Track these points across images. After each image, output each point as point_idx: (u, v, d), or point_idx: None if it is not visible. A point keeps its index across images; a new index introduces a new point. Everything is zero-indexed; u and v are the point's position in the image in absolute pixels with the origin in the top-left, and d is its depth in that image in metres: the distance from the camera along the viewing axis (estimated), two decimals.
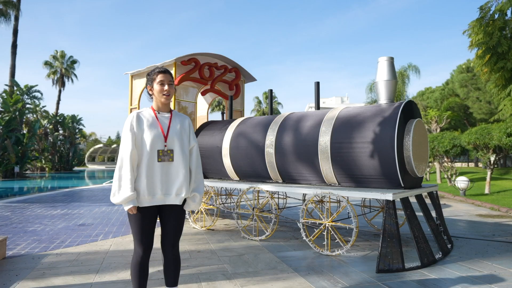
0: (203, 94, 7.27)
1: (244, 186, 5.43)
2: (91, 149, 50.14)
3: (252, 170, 5.70)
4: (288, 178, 5.33)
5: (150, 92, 2.54)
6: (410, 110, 4.57)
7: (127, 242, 4.97)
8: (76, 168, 39.68)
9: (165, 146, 2.43)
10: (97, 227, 6.00)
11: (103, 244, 4.83)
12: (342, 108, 5.08)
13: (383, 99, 4.83)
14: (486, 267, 3.87)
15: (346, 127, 4.65)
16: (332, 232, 4.40)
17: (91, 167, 47.35)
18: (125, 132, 2.40)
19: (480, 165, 37.07)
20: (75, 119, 38.48)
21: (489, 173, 11.56)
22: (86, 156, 48.88)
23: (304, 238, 4.50)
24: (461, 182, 11.06)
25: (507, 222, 6.70)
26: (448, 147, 13.41)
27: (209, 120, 8.58)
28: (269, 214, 5.05)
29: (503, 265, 3.92)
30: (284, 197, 7.44)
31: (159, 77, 2.48)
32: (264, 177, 5.59)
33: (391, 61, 4.88)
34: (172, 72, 6.46)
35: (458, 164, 31.99)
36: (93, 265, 3.89)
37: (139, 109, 7.25)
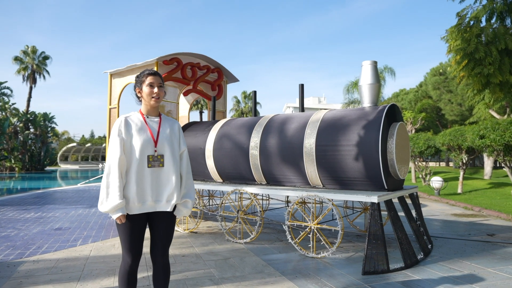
0: (185, 94, 7.16)
1: (228, 188, 5.38)
2: (64, 148, 48.55)
3: (236, 172, 5.66)
4: (272, 180, 5.33)
5: (139, 95, 2.46)
6: (393, 113, 4.66)
7: (108, 247, 4.83)
8: (48, 168, 38.32)
9: (155, 151, 2.36)
10: (75, 231, 5.80)
11: (82, 250, 4.67)
12: (326, 111, 5.12)
13: (366, 102, 4.91)
14: (466, 266, 4.00)
15: (331, 130, 4.69)
16: (318, 234, 4.43)
17: (64, 166, 45.85)
18: (113, 138, 2.31)
19: (451, 164, 38.47)
20: (47, 117, 37.15)
21: (461, 173, 11.99)
22: (59, 155, 47.30)
23: (290, 240, 4.51)
24: (436, 182, 11.42)
25: (481, 222, 6.96)
26: (423, 148, 13.82)
27: (190, 120, 8.47)
28: (254, 217, 5.02)
29: (482, 265, 4.06)
30: (267, 198, 7.43)
31: (148, 79, 2.40)
32: (248, 179, 5.57)
33: (375, 64, 4.96)
34: None
35: (431, 164, 33.07)
36: (73, 273, 3.74)
37: (118, 109, 7.07)
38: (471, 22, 6.00)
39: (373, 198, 3.96)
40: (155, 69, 6.30)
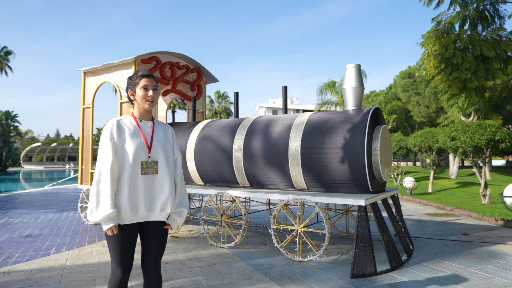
0: (164, 94, 6.95)
1: (212, 191, 5.26)
2: (28, 148, 46.24)
3: (218, 175, 5.55)
4: (256, 182, 5.26)
5: (132, 98, 2.32)
6: (376, 117, 4.72)
7: (85, 255, 4.58)
8: (10, 169, 36.36)
9: (149, 157, 2.23)
10: (46, 238, 5.48)
11: (57, 259, 4.40)
12: (311, 114, 5.11)
13: (350, 105, 4.94)
14: (448, 267, 4.10)
15: (316, 133, 4.68)
16: (304, 237, 4.41)
17: (27, 167, 43.70)
18: (104, 142, 2.16)
19: (418, 164, 39.97)
20: (9, 116, 35.26)
21: (432, 173, 12.43)
22: (22, 155, 45.04)
23: (276, 244, 4.46)
24: (408, 182, 11.77)
25: (454, 221, 7.22)
26: (395, 149, 14.22)
27: (167, 120, 8.25)
28: (238, 221, 4.94)
29: (462, 265, 4.18)
30: (247, 201, 7.35)
31: (142, 82, 2.27)
32: (231, 182, 5.47)
33: (359, 68, 5.01)
34: (132, 70, 6.09)
35: (402, 164, 34.15)
36: (50, 284, 3.51)
37: (93, 109, 6.77)
38: (446, 28, 6.19)
39: (361, 201, 3.98)
40: (133, 68, 6.08)
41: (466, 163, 31.15)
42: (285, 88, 5.69)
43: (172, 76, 6.79)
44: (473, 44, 5.26)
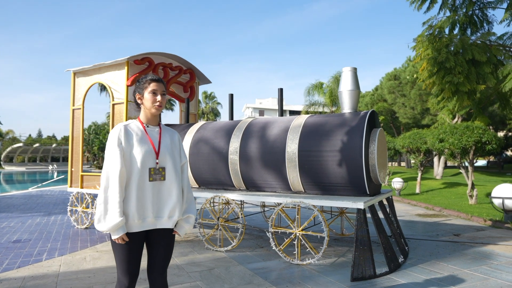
0: None
1: (208, 194, 5.21)
2: (8, 149, 45.05)
3: (214, 177, 5.50)
4: (252, 185, 5.24)
5: (139, 101, 2.26)
6: (372, 119, 4.76)
7: (78, 260, 4.47)
8: None
9: (157, 163, 2.18)
10: (36, 244, 5.32)
11: (50, 265, 4.28)
12: (307, 116, 5.12)
13: (347, 108, 4.97)
14: (444, 268, 4.16)
15: (314, 136, 4.68)
16: (302, 241, 4.40)
17: (8, 168, 42.55)
18: (112, 148, 2.10)
19: (403, 164, 40.61)
20: None
21: (419, 174, 12.64)
22: (2, 156, 43.85)
23: (274, 247, 4.44)
24: (397, 183, 11.94)
25: (444, 221, 7.35)
26: None
27: None
28: (235, 224, 4.90)
29: (457, 266, 4.25)
30: (241, 203, 7.32)
31: (151, 86, 2.22)
32: (226, 185, 5.43)
33: (355, 71, 5.04)
34: (124, 71, 5.99)
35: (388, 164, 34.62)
36: None
37: (83, 110, 6.62)
38: (436, 32, 6.30)
39: (359, 204, 4.00)
40: (126, 69, 5.97)
41: (449, 163, 31.80)
42: (280, 91, 5.68)
43: (165, 77, 6.70)
44: (464, 49, 5.36)
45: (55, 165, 46.52)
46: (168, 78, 6.79)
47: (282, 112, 5.66)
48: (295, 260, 4.33)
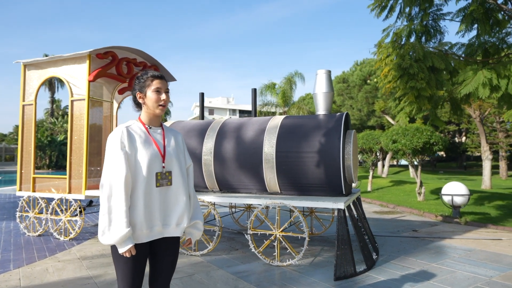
0: (120, 93, 6.46)
1: None
2: None
3: None
4: (226, 187, 5.13)
5: (141, 100, 2.08)
6: (346, 121, 4.89)
7: (39, 272, 4.05)
8: None
9: (163, 167, 2.03)
10: None
11: (8, 279, 3.83)
12: (283, 117, 5.13)
13: (321, 110, 5.06)
14: (414, 263, 4.40)
15: (292, 137, 4.70)
16: (283, 242, 4.40)
17: None
18: (115, 152, 1.91)
19: None
20: None
21: (371, 172, 13.32)
22: None
23: (253, 250, 4.39)
24: None
25: (400, 218, 7.80)
26: None
27: (118, 121, 7.68)
28: (212, 227, 4.77)
29: (425, 260, 4.52)
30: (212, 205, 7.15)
31: (154, 84, 2.05)
32: (199, 186, 5.27)
33: (329, 74, 5.14)
34: (85, 65, 5.56)
35: None
36: None
37: (35, 106, 6.04)
38: (395, 39, 6.64)
39: (340, 205, 4.09)
40: (87, 62, 5.55)
41: (391, 162, 33.85)
42: (254, 91, 5.64)
43: (129, 73, 6.34)
44: (425, 56, 5.71)
45: None
46: (132, 74, 6.43)
47: (255, 112, 5.62)
48: (275, 262, 4.32)
